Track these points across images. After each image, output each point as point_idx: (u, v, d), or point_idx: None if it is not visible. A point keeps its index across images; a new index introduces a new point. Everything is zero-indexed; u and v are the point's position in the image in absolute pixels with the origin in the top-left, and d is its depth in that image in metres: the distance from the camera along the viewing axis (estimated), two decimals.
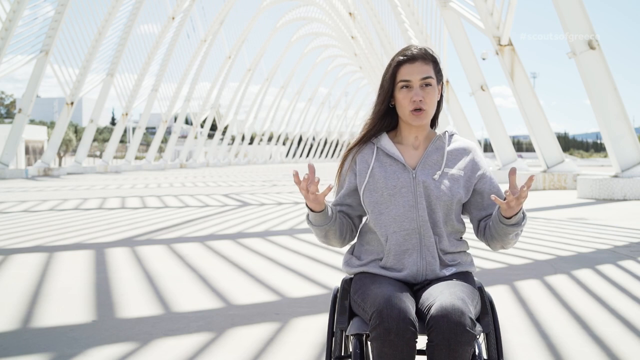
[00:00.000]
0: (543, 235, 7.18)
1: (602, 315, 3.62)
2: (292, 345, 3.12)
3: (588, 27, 12.49)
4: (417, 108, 2.00)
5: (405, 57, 2.02)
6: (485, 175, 2.06)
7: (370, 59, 43.53)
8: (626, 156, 12.75)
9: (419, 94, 1.99)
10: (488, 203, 2.05)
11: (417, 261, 1.96)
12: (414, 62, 2.01)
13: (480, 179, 2.05)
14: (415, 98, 1.99)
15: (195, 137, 53.43)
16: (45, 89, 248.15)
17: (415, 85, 2.00)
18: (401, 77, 2.01)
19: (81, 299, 4.10)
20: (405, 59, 2.01)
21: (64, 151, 56.42)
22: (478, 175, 2.05)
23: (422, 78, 2.00)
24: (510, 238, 1.96)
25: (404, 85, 2.01)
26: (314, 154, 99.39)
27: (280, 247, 6.39)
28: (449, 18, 19.75)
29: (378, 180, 2.02)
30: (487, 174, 2.06)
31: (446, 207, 2.00)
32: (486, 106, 19.67)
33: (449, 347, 1.67)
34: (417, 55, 2.01)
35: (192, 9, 40.79)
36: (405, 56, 2.02)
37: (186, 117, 58.68)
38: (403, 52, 2.04)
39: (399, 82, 2.02)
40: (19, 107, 28.71)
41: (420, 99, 1.99)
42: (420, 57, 2.01)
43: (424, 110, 2.01)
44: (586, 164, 54.27)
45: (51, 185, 20.77)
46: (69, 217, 9.85)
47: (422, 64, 2.01)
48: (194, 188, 18.31)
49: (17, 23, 25.24)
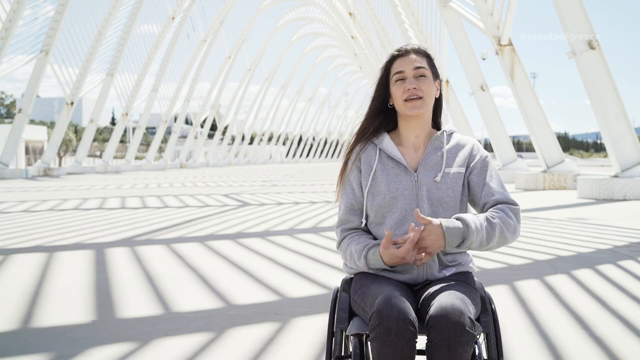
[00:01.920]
0: (543, 235, 7.18)
1: (602, 315, 3.62)
2: (292, 345, 3.12)
3: (588, 27, 12.49)
4: (412, 96, 2.01)
5: (399, 52, 2.08)
6: (476, 166, 2.03)
7: (370, 59, 43.53)
8: (626, 156, 12.75)
9: (413, 83, 2.02)
10: (477, 193, 2.01)
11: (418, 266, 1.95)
12: (407, 55, 2.06)
13: (472, 170, 2.04)
14: (408, 86, 2.01)
15: (195, 137, 53.43)
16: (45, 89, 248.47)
17: (408, 76, 2.03)
18: (395, 70, 2.05)
19: (81, 299, 4.10)
20: (398, 53, 2.07)
21: (64, 151, 56.42)
22: (471, 166, 2.04)
23: (415, 68, 2.03)
24: (475, 249, 1.92)
25: (398, 78, 2.04)
26: (314, 154, 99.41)
27: (280, 247, 6.39)
28: (449, 18, 19.75)
29: (380, 184, 2.02)
30: (477, 165, 2.03)
31: (451, 208, 2.00)
32: (486, 106, 19.68)
33: (448, 347, 1.66)
34: (410, 50, 2.07)
35: (192, 9, 40.79)
36: (398, 51, 2.08)
37: (186, 117, 58.67)
38: (397, 49, 2.10)
39: (393, 75, 2.05)
40: (19, 107, 28.71)
41: (415, 87, 2.01)
42: (413, 51, 2.06)
43: (421, 98, 2.01)
44: (586, 164, 54.27)
45: (51, 185, 20.77)
46: (68, 217, 9.85)
47: (415, 56, 2.05)
48: (194, 188, 18.30)
49: (17, 23, 25.23)
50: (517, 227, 1.94)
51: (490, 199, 1.98)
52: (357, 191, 2.06)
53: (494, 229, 1.89)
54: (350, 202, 2.06)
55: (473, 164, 2.04)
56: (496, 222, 1.89)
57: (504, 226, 1.91)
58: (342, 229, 2.06)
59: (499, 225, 1.90)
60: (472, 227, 1.85)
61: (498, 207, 1.95)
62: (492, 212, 1.93)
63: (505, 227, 1.91)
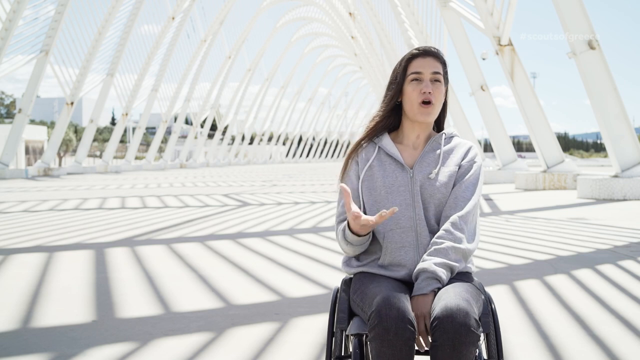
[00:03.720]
0: (543, 235, 7.18)
1: (602, 315, 3.62)
2: (292, 345, 3.12)
3: (588, 27, 12.49)
4: (427, 100, 2.03)
5: (418, 52, 2.08)
6: (463, 166, 2.04)
7: (370, 59, 43.54)
8: (626, 156, 12.75)
9: (429, 87, 2.03)
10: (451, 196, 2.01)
11: (413, 258, 1.96)
12: (426, 56, 2.07)
13: (459, 169, 2.05)
14: (425, 89, 2.02)
15: (195, 137, 53.42)
16: (45, 89, 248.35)
17: (425, 78, 2.04)
18: (413, 69, 2.06)
19: (81, 299, 4.10)
20: (418, 52, 2.08)
21: (64, 151, 56.39)
22: (460, 165, 2.05)
23: (432, 72, 2.05)
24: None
25: (414, 78, 2.05)
26: (314, 154, 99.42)
27: (280, 247, 6.39)
28: (449, 18, 19.75)
29: (377, 179, 2.04)
30: (464, 165, 2.04)
31: (442, 205, 2.01)
32: (486, 106, 19.68)
33: (453, 347, 1.67)
34: (430, 52, 2.08)
35: (192, 9, 40.78)
36: (418, 50, 2.09)
37: (186, 117, 58.64)
38: (416, 48, 2.10)
39: (409, 74, 2.06)
40: (19, 107, 28.71)
41: (430, 91, 2.03)
42: (433, 54, 2.08)
43: (432, 105, 2.03)
44: (586, 164, 54.28)
45: (51, 185, 20.77)
46: (69, 217, 9.85)
47: (434, 60, 2.06)
48: (193, 188, 18.30)
49: (17, 23, 25.23)
50: (463, 245, 1.94)
51: (450, 212, 1.98)
52: (356, 185, 2.07)
53: (455, 260, 1.92)
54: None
55: (461, 163, 2.05)
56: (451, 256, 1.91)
57: (456, 253, 1.92)
58: (339, 220, 2.07)
59: (453, 253, 1.92)
60: (443, 278, 1.87)
61: (446, 229, 1.94)
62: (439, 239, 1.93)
63: (455, 251, 1.92)
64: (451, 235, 1.93)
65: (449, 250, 1.91)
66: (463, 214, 1.97)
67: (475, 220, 2.01)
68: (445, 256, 1.90)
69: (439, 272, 1.87)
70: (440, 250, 1.91)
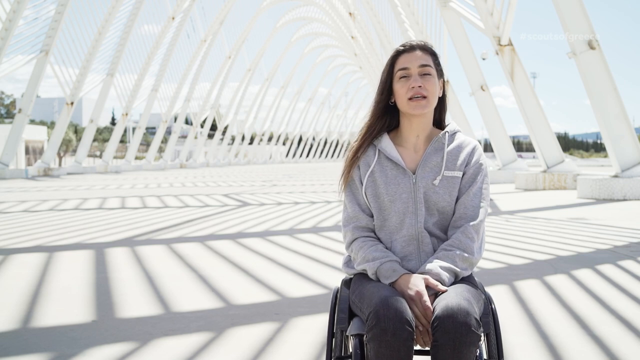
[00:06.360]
0: (543, 235, 7.18)
1: (602, 315, 3.62)
2: (292, 345, 3.12)
3: (588, 27, 12.49)
4: (416, 95, 1.96)
5: (404, 48, 2.02)
6: (468, 171, 2.00)
7: (370, 59, 43.52)
8: (626, 156, 12.75)
9: (418, 81, 1.97)
10: (460, 205, 1.98)
11: (416, 267, 1.95)
12: (412, 51, 2.01)
13: (464, 173, 2.01)
14: (413, 84, 1.96)
15: (195, 137, 53.42)
16: (45, 89, 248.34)
17: (413, 73, 1.98)
18: (399, 66, 2.00)
19: (81, 299, 4.10)
20: (403, 49, 2.02)
21: (64, 151, 56.39)
22: (465, 170, 2.02)
23: (420, 65, 1.98)
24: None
25: (402, 75, 1.99)
26: (314, 154, 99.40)
27: (280, 247, 6.39)
28: (449, 18, 19.74)
29: (379, 186, 2.00)
30: (469, 170, 2.00)
31: (446, 212, 1.99)
32: (486, 106, 19.67)
33: (453, 347, 1.66)
34: (416, 46, 2.02)
35: (192, 9, 40.78)
36: (403, 46, 2.02)
37: (186, 117, 58.65)
38: (401, 44, 2.05)
39: (397, 71, 2.00)
40: (19, 107, 28.70)
41: (419, 85, 1.96)
42: (419, 47, 2.01)
43: (425, 98, 1.97)
44: (586, 164, 54.27)
45: (51, 185, 20.77)
46: (68, 217, 9.85)
47: (421, 53, 2.00)
48: (193, 188, 18.30)
49: (17, 23, 25.23)
50: (473, 255, 1.93)
51: (460, 222, 1.97)
52: (360, 190, 2.04)
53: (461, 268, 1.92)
54: (358, 199, 2.04)
55: (466, 168, 2.02)
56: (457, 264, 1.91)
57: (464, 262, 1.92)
58: (353, 226, 2.02)
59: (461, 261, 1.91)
60: (446, 281, 1.86)
61: (457, 238, 1.93)
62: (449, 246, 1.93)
63: (464, 260, 1.92)
64: (462, 244, 1.92)
65: (457, 258, 1.90)
66: (476, 223, 1.95)
67: (484, 228, 2.01)
68: (453, 262, 1.90)
69: (443, 275, 1.86)
70: (449, 256, 1.90)
